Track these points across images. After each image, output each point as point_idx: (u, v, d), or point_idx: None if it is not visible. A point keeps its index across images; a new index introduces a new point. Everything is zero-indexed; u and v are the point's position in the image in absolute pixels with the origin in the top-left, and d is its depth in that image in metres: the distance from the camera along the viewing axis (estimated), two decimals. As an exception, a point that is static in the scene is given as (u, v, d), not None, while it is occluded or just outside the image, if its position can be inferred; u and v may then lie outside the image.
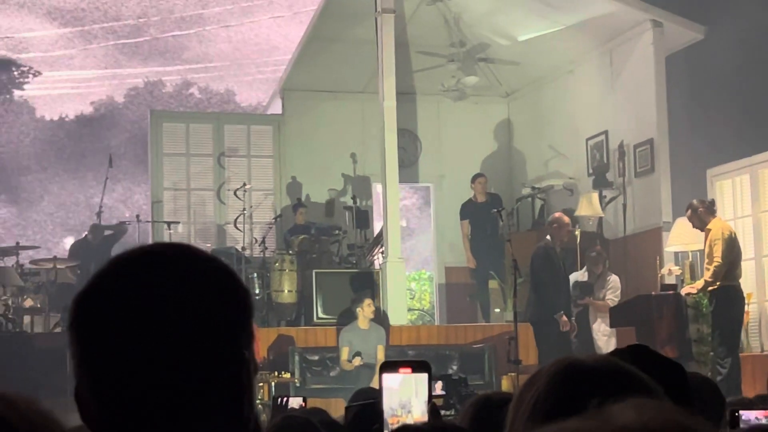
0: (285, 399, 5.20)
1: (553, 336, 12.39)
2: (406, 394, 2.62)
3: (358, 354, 12.73)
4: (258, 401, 10.66)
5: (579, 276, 13.57)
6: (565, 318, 12.42)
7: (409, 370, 2.64)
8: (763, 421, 3.30)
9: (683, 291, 12.35)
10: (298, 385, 12.70)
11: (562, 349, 11.75)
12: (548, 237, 13.04)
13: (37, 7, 30.71)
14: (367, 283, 14.06)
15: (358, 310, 13.05)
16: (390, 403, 2.58)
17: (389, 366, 2.66)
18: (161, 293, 1.57)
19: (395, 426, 2.53)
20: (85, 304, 1.59)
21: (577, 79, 16.41)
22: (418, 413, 2.57)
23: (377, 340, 12.99)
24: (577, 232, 13.64)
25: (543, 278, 12.63)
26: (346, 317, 13.43)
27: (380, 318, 13.54)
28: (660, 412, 0.93)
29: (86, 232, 16.66)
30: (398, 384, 2.62)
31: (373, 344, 12.91)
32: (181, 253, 1.65)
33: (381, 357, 12.71)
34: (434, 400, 2.72)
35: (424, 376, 2.61)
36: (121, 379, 1.55)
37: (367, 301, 13.07)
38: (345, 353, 12.83)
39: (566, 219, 13.44)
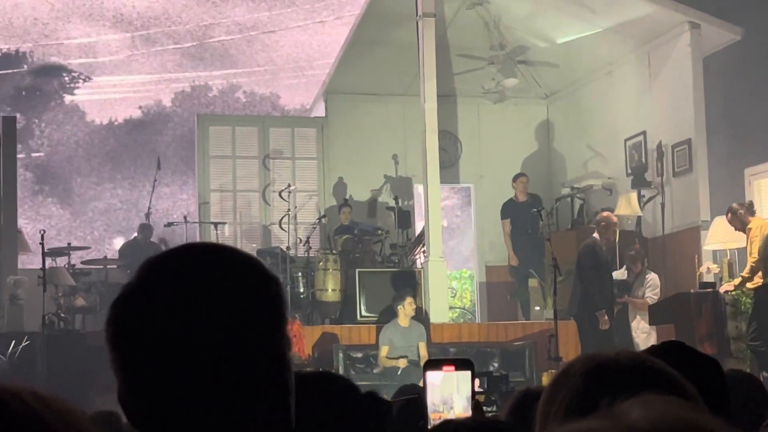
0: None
1: (597, 333, 12.34)
2: (447, 391, 2.64)
3: (403, 356, 12.73)
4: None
5: (618, 274, 13.49)
6: (606, 317, 12.37)
7: (452, 368, 2.65)
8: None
9: (722, 289, 12.27)
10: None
11: (604, 346, 11.67)
12: (595, 235, 13.01)
13: (86, 14, 30.91)
14: (409, 282, 14.05)
15: (399, 308, 13.03)
16: (432, 399, 2.60)
17: (433, 364, 2.68)
18: (192, 295, 1.55)
19: (436, 422, 2.53)
20: (119, 310, 1.57)
21: (616, 81, 16.32)
22: (460, 409, 2.59)
23: (418, 337, 12.97)
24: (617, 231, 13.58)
25: (590, 275, 12.58)
26: (387, 315, 13.42)
27: (421, 316, 13.54)
28: (669, 409, 0.91)
29: (138, 232, 16.73)
30: (440, 381, 2.64)
31: (414, 341, 12.90)
32: (211, 254, 1.64)
33: (424, 353, 12.70)
34: (477, 396, 2.73)
35: (467, 373, 2.63)
36: (156, 382, 1.53)
37: (409, 300, 13.05)
38: (384, 351, 12.82)
39: (614, 218, 13.37)
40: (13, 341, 12.85)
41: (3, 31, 31.00)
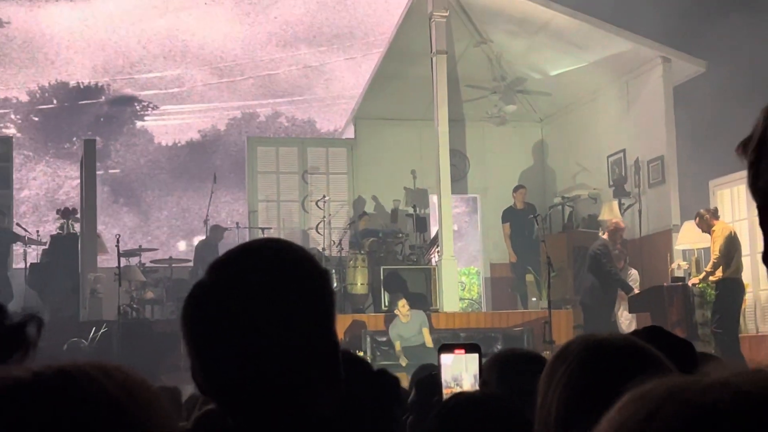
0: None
1: (602, 318, 12.32)
2: (457, 370, 2.64)
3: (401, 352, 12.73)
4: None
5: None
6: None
7: (462, 351, 2.65)
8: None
9: (690, 282, 12.25)
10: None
11: (608, 329, 11.69)
12: (605, 236, 12.93)
13: (157, 54, 31.07)
14: (401, 285, 13.99)
15: (396, 311, 13.04)
16: (445, 377, 2.60)
17: (446, 348, 2.67)
18: (257, 276, 1.55)
19: (448, 395, 2.54)
20: (192, 299, 1.58)
21: (599, 107, 16.29)
22: (467, 385, 2.59)
23: (420, 324, 12.90)
24: (603, 234, 13.54)
25: (605, 270, 12.52)
26: (391, 315, 13.43)
27: (419, 305, 13.44)
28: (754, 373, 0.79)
29: (203, 235, 16.72)
30: (451, 362, 2.64)
31: (419, 328, 12.83)
32: (278, 247, 1.63)
33: (427, 337, 12.68)
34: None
35: (475, 356, 2.63)
36: (213, 355, 1.54)
37: (401, 303, 12.96)
38: (398, 345, 12.80)
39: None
40: (94, 328, 12.93)
41: (86, 68, 31.16)
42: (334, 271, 14.49)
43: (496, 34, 15.56)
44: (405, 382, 5.96)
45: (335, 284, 14.32)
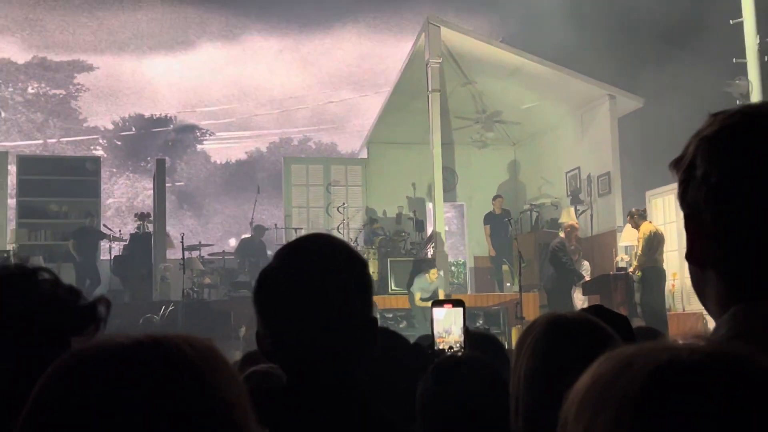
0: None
1: (561, 300, 12.29)
2: (447, 323, 2.61)
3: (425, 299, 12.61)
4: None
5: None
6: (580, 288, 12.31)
7: (450, 305, 2.63)
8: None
9: (630, 271, 12.22)
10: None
11: (565, 309, 11.66)
12: (562, 235, 12.86)
13: (217, 91, 31.11)
14: (427, 265, 14.03)
15: (427, 275, 12.92)
16: (437, 329, 2.57)
17: (437, 303, 2.66)
18: (317, 261, 1.54)
19: (441, 344, 2.51)
20: (262, 278, 1.57)
21: (560, 133, 16.28)
22: (456, 336, 2.57)
23: (438, 287, 12.87)
24: (561, 233, 13.53)
25: (561, 262, 12.47)
26: (411, 282, 13.31)
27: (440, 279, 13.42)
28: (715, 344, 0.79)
29: (248, 234, 16.75)
30: (443, 316, 2.62)
31: (436, 289, 12.80)
32: (329, 240, 1.63)
33: (441, 295, 12.61)
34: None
35: (460, 310, 2.60)
36: (285, 325, 1.53)
37: (433, 270, 12.93)
38: (417, 296, 12.71)
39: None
40: (163, 307, 12.94)
41: (160, 103, 31.22)
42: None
43: (478, 77, 15.56)
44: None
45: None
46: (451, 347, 2.50)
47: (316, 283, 1.52)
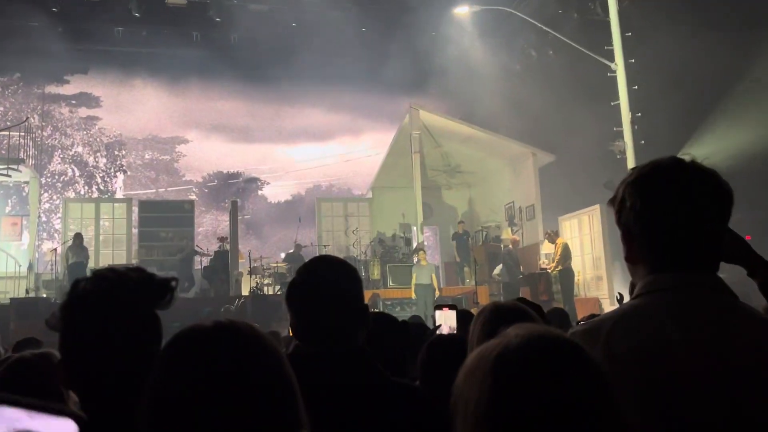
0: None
1: (514, 293, 12.16)
2: (441, 321, 2.60)
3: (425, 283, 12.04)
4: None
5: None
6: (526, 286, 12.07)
7: (446, 309, 2.61)
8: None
9: (549, 270, 12.16)
10: (394, 316, 12.33)
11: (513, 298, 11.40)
12: (510, 247, 12.71)
13: (272, 158, 31.10)
14: (416, 251, 13.62)
15: (416, 257, 12.64)
16: (438, 321, 2.55)
17: (438, 306, 2.64)
18: (323, 275, 1.53)
19: (441, 330, 2.48)
20: (291, 288, 1.56)
21: (500, 178, 16.28)
22: (446, 330, 2.54)
23: (431, 271, 12.47)
24: (503, 246, 13.46)
25: (510, 265, 12.29)
26: (403, 281, 13.06)
27: (408, 282, 13.23)
28: (531, 327, 0.86)
29: (293, 249, 16.68)
30: (443, 315, 2.59)
31: (429, 273, 12.39)
32: (330, 259, 1.61)
33: (434, 281, 12.12)
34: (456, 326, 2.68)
35: (453, 312, 2.59)
36: (303, 315, 1.51)
37: (421, 253, 12.64)
38: (414, 278, 12.27)
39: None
40: (237, 299, 12.87)
41: (233, 164, 31.23)
42: (362, 267, 14.44)
43: (445, 142, 15.59)
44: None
45: (363, 275, 14.20)
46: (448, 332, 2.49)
47: (323, 287, 1.52)
